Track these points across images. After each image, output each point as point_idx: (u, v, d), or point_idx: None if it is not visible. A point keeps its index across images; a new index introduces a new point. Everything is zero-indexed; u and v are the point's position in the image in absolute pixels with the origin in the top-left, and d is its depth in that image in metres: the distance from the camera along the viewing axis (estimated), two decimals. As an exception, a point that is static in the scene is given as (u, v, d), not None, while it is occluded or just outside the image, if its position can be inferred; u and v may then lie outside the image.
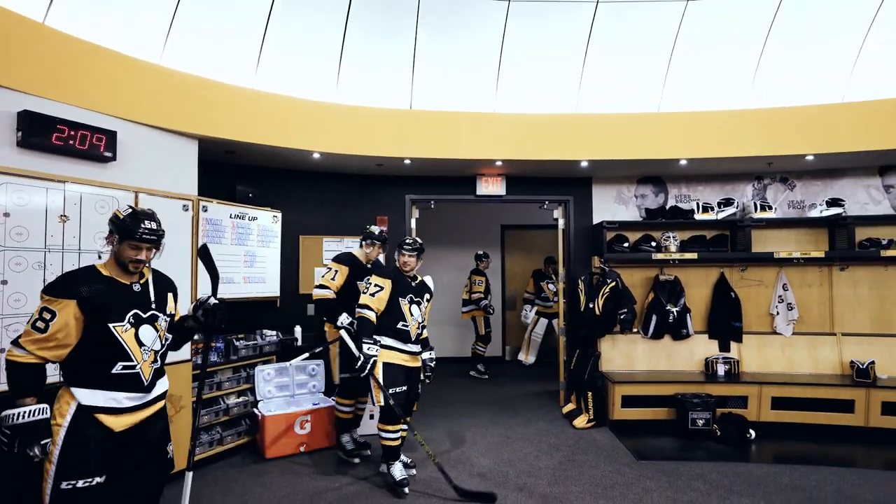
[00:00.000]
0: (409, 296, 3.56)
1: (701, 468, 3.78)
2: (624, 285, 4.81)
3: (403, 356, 3.53)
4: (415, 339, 3.56)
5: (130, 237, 2.08)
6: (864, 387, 4.43)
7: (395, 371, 3.48)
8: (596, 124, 4.64)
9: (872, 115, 4.36)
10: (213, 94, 3.89)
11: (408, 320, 3.52)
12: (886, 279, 4.85)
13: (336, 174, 5.16)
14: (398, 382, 3.48)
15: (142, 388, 2.11)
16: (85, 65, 3.21)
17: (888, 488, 3.44)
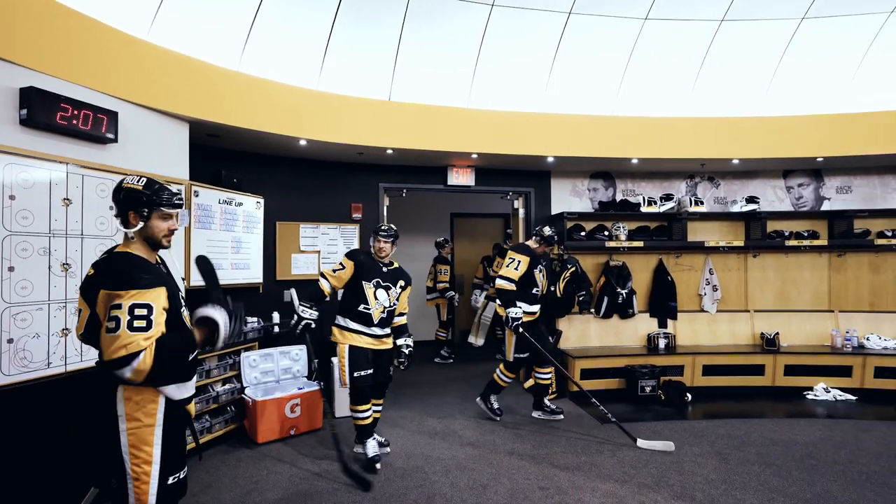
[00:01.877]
0: (376, 280, 3.63)
1: (655, 426, 4.40)
2: (582, 270, 5.35)
3: (368, 339, 3.61)
4: (378, 322, 3.62)
5: (160, 204, 1.88)
6: (771, 353, 5.31)
7: (358, 354, 3.57)
8: (561, 123, 5.09)
9: (780, 129, 5.20)
10: (205, 76, 3.82)
11: (370, 304, 3.58)
12: (787, 264, 5.80)
13: (313, 161, 5.19)
14: (362, 366, 3.56)
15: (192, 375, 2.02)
16: (87, 41, 3.07)
17: (793, 431, 4.24)
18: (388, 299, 3.67)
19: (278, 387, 4.41)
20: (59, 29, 2.92)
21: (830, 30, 4.97)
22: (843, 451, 3.82)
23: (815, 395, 5.19)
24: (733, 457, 3.73)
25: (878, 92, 5.23)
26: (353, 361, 3.58)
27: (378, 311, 3.63)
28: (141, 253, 1.90)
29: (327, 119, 4.52)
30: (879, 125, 5.05)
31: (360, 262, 3.63)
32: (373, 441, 3.66)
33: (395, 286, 3.73)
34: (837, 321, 5.60)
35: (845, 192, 5.79)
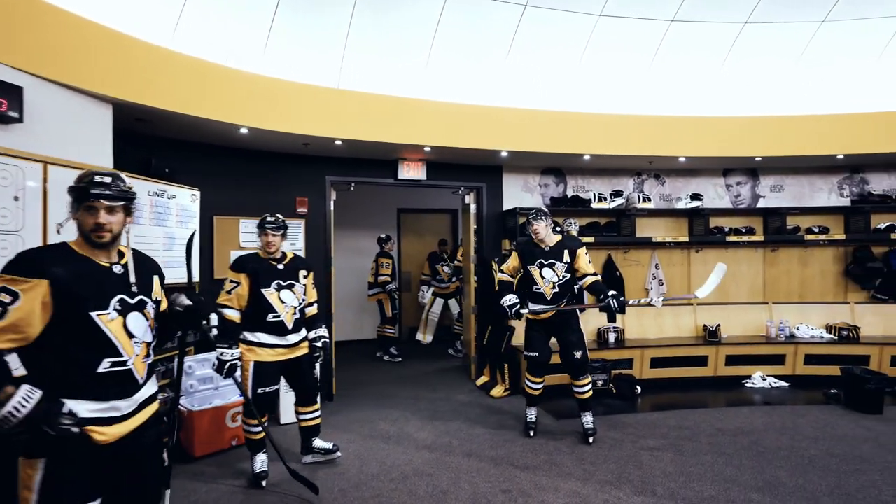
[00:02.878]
0: (276, 282, 3.28)
1: (609, 420, 4.42)
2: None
3: (279, 350, 3.31)
4: (293, 327, 3.33)
5: (84, 197, 1.72)
6: (713, 345, 5.50)
7: (264, 370, 3.28)
8: (515, 118, 5.02)
9: (723, 129, 5.38)
10: (131, 53, 3.43)
11: (279, 310, 3.25)
12: (727, 259, 6.01)
13: (255, 151, 4.85)
14: (267, 382, 3.30)
15: (136, 387, 1.79)
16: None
17: (738, 420, 4.39)
18: (295, 298, 3.37)
19: (217, 394, 4.07)
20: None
21: (770, 35, 5.18)
22: (785, 437, 3.98)
23: (753, 384, 5.43)
24: (687, 448, 3.79)
25: (811, 96, 5.52)
26: (257, 377, 3.27)
27: (289, 314, 3.32)
28: (77, 247, 1.76)
29: (270, 106, 4.21)
30: (811, 128, 5.33)
31: (252, 271, 3.25)
32: (262, 456, 3.38)
33: (297, 280, 3.41)
34: (771, 313, 5.88)
35: (778, 191, 6.10)
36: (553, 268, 3.98)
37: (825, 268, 5.97)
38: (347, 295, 7.80)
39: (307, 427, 3.64)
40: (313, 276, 3.59)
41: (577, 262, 3.90)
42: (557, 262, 3.94)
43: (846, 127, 5.30)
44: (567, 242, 3.98)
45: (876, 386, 4.49)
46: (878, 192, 5.92)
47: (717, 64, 5.38)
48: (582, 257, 3.90)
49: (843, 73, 5.45)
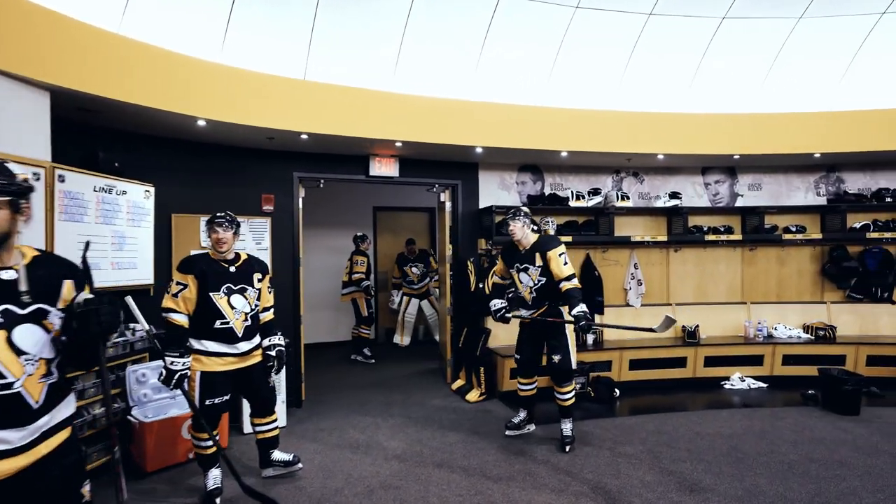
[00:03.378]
0: (226, 286, 3.04)
1: (586, 426, 4.29)
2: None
3: (228, 360, 3.07)
4: (244, 334, 3.08)
5: None
6: (692, 346, 5.42)
7: (212, 381, 3.04)
8: (491, 112, 4.85)
9: (701, 126, 5.29)
10: (71, 36, 3.16)
11: (228, 316, 3.02)
12: (705, 258, 5.97)
13: (216, 145, 4.59)
14: (216, 393, 3.05)
15: (30, 414, 1.51)
16: None
17: (717, 423, 4.30)
18: (247, 303, 3.12)
19: (174, 404, 3.82)
20: None
21: (748, 30, 5.09)
22: (764, 442, 3.88)
23: (732, 385, 5.36)
24: (665, 455, 3.67)
25: (789, 93, 5.47)
26: (205, 388, 3.04)
27: (240, 321, 3.08)
28: None
29: (231, 97, 3.97)
30: (788, 126, 5.27)
31: (202, 273, 3.01)
32: (216, 471, 3.14)
33: (250, 284, 3.17)
34: (750, 313, 5.83)
35: (756, 190, 6.05)
36: (527, 272, 3.85)
37: (802, 267, 5.94)
38: (322, 295, 7.57)
39: (264, 439, 3.42)
40: (269, 279, 3.37)
41: (551, 266, 3.68)
42: (531, 266, 3.80)
43: (823, 125, 5.26)
44: (540, 244, 3.76)
45: (853, 387, 4.44)
46: (854, 191, 5.91)
47: (694, 60, 5.28)
48: (555, 260, 3.66)
49: (820, 71, 5.40)
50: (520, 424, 4.12)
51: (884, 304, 5.71)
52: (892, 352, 5.30)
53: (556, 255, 3.66)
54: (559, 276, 3.66)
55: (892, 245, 5.75)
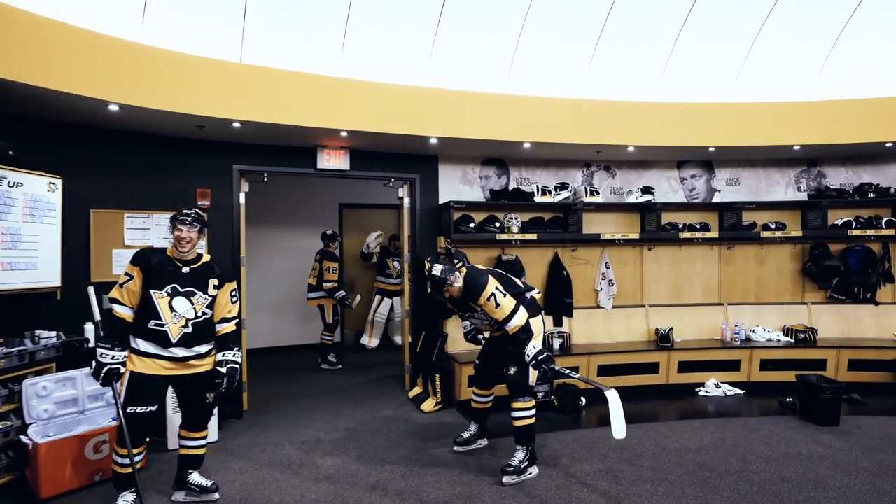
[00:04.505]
0: (172, 286, 2.80)
1: (545, 440, 3.94)
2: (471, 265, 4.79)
3: (161, 364, 2.79)
4: (179, 340, 2.80)
5: None
6: (665, 350, 5.09)
7: (141, 384, 2.76)
8: (447, 100, 4.49)
9: (674, 116, 4.94)
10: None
11: (163, 318, 2.77)
12: (681, 257, 5.64)
13: (142, 135, 4.21)
14: (143, 399, 2.75)
15: None
16: None
17: (686, 436, 3.97)
18: (191, 309, 2.83)
19: (83, 419, 3.45)
20: None
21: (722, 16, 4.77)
22: (734, 457, 3.56)
23: (707, 392, 5.04)
24: (625, 474, 3.33)
25: (766, 82, 5.15)
26: (130, 392, 2.74)
27: (177, 325, 2.79)
28: None
29: (149, 80, 3.59)
30: (766, 117, 4.94)
31: (148, 267, 2.78)
32: (129, 497, 2.82)
33: (202, 290, 2.88)
34: (727, 314, 5.51)
35: (734, 185, 5.73)
36: (475, 316, 3.55)
37: (782, 266, 5.62)
38: (287, 298, 7.20)
39: (187, 456, 3.06)
40: (234, 287, 3.05)
41: (487, 310, 3.28)
42: (474, 312, 3.47)
43: (802, 115, 4.94)
44: (468, 292, 3.28)
45: (832, 395, 4.12)
46: (836, 186, 5.60)
47: (665, 48, 4.95)
48: (486, 306, 3.25)
49: (798, 59, 5.09)
50: (470, 439, 3.78)
51: (866, 304, 5.41)
52: (875, 356, 5.00)
53: (485, 300, 3.24)
54: (499, 320, 3.27)
55: (874, 243, 5.45)
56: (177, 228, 2.81)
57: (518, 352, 3.28)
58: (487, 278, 3.26)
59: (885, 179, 5.56)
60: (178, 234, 2.80)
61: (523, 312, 3.26)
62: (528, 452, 3.32)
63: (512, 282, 3.52)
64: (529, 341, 3.22)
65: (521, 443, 3.34)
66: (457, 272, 3.33)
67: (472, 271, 3.37)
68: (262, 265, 7.26)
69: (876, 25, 4.87)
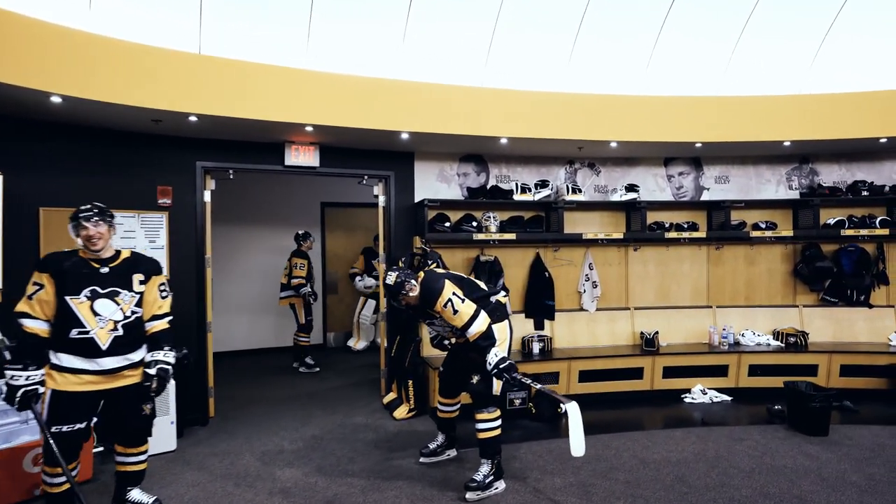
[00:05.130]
0: (91, 289, 2.58)
1: (517, 449, 3.75)
2: (445, 266, 4.60)
3: (87, 378, 2.57)
4: (110, 347, 2.59)
5: None
6: (650, 355, 4.89)
7: (66, 402, 2.54)
8: (418, 93, 4.29)
9: (660, 110, 4.73)
10: None
11: (88, 325, 2.55)
12: (667, 257, 5.43)
13: (98, 129, 4.02)
14: (70, 418, 2.55)
15: None
16: None
17: (667, 447, 3.77)
18: (118, 310, 2.63)
19: (25, 430, 3.25)
20: None
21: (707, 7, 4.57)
22: (716, 471, 3.36)
23: (693, 398, 4.84)
24: (598, 489, 3.13)
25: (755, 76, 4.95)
26: (54, 411, 2.53)
27: (105, 330, 2.59)
28: None
29: (96, 70, 3.40)
30: (755, 111, 4.73)
31: (60, 272, 2.55)
32: None
33: (127, 287, 2.67)
34: (715, 317, 5.31)
35: (723, 183, 5.52)
36: (434, 324, 3.38)
37: (773, 267, 5.42)
38: (265, 298, 7.03)
39: (125, 473, 2.87)
40: (162, 281, 2.83)
41: (445, 317, 3.08)
42: (434, 319, 3.28)
43: (793, 110, 4.73)
44: (425, 299, 3.10)
45: (821, 404, 3.92)
46: (829, 184, 5.39)
47: (650, 40, 4.75)
48: (444, 313, 3.05)
49: (789, 52, 4.88)
50: (437, 450, 3.58)
51: (860, 307, 5.20)
52: (868, 361, 4.80)
53: (441, 306, 3.03)
54: (458, 326, 3.07)
55: (868, 243, 5.24)
56: (81, 227, 2.58)
57: (480, 360, 3.07)
58: (444, 283, 3.07)
59: (880, 177, 5.35)
60: (86, 233, 2.58)
61: (484, 318, 3.06)
62: (493, 466, 3.13)
63: (474, 285, 3.33)
64: (491, 349, 3.01)
65: (486, 456, 3.15)
66: (413, 280, 3.13)
67: (429, 276, 3.17)
68: (240, 265, 7.10)
69: (869, 16, 4.66)
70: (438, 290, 3.03)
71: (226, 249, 6.99)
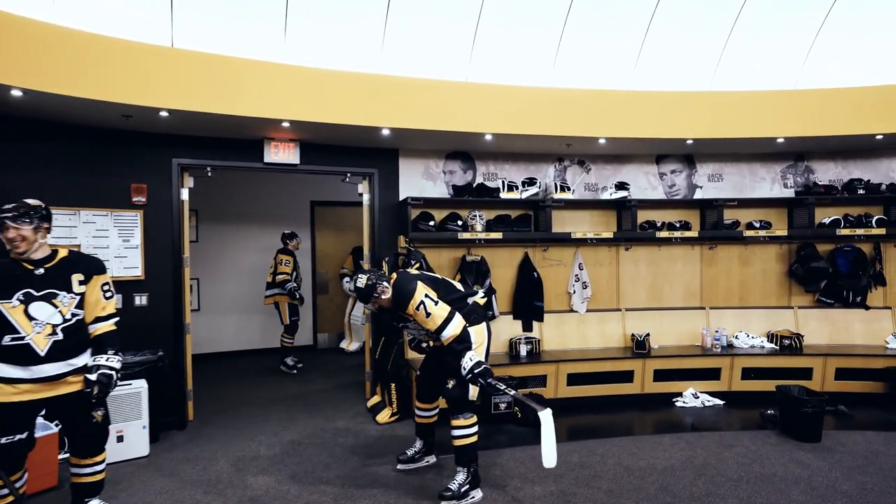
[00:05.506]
0: (24, 292, 2.45)
1: (500, 456, 3.63)
2: (428, 266, 4.49)
3: (24, 388, 2.44)
4: (49, 353, 2.46)
5: None
6: (641, 357, 4.76)
7: (2, 414, 2.41)
8: (401, 88, 4.18)
9: (649, 106, 4.60)
10: None
11: (23, 330, 2.42)
12: (660, 257, 5.31)
13: (67, 125, 3.91)
14: (8, 429, 2.42)
15: None
16: None
17: (654, 453, 3.65)
18: (56, 313, 2.50)
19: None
20: None
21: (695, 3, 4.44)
22: (702, 479, 3.24)
23: (684, 402, 4.72)
24: (579, 499, 3.02)
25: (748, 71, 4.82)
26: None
27: (42, 335, 2.46)
28: None
29: (60, 63, 3.29)
30: (747, 107, 4.60)
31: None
32: None
33: (65, 289, 2.54)
34: (708, 319, 5.18)
35: (717, 181, 5.39)
36: (408, 327, 3.24)
37: (767, 267, 5.29)
38: (254, 298, 6.89)
39: (80, 484, 2.74)
40: (106, 281, 2.69)
41: (418, 319, 2.96)
42: (408, 323, 3.16)
43: (787, 105, 4.60)
44: (397, 301, 2.99)
45: (814, 409, 3.79)
46: (824, 182, 5.25)
47: (639, 35, 4.62)
48: (416, 316, 2.94)
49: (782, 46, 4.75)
50: (414, 457, 3.47)
51: (856, 309, 5.07)
52: (864, 364, 4.67)
53: (414, 308, 2.92)
54: (431, 330, 2.95)
55: (865, 243, 5.11)
56: (5, 228, 2.41)
57: (456, 364, 2.96)
58: (416, 285, 2.95)
59: (877, 175, 5.21)
60: (6, 234, 2.42)
61: (458, 321, 2.94)
62: (469, 474, 3.01)
63: (449, 286, 3.21)
64: (466, 353, 2.90)
65: (462, 464, 3.03)
66: (386, 282, 3.02)
67: (401, 278, 3.06)
68: (229, 265, 7.00)
69: (864, 10, 4.52)
70: (410, 293, 2.92)
71: (214, 249, 6.91)
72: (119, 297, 4.02)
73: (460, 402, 3.05)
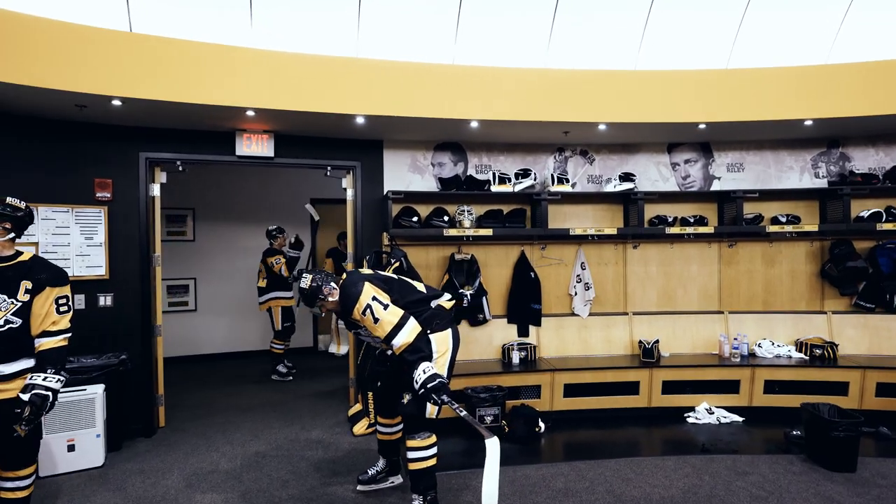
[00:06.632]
0: None
1: (476, 477, 3.21)
2: (409, 265, 4.12)
3: None
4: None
5: None
6: (648, 367, 4.28)
7: None
8: (378, 72, 3.84)
9: (656, 86, 4.13)
10: None
11: None
12: (672, 256, 4.80)
13: (21, 117, 3.73)
14: None
15: None
16: None
17: (653, 479, 3.19)
18: None
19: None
20: None
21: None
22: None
23: (697, 418, 4.21)
24: (550, 534, 2.60)
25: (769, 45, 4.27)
26: None
27: None
28: None
29: (8, 50, 3.10)
30: (771, 85, 4.07)
31: None
32: None
33: (10, 294, 2.33)
34: (727, 324, 4.65)
35: (737, 171, 4.84)
36: (361, 333, 2.92)
37: (795, 267, 4.71)
38: (249, 299, 6.67)
39: (5, 500, 2.52)
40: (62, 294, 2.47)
41: (367, 325, 2.65)
42: (360, 330, 2.85)
43: (815, 82, 4.05)
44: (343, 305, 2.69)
45: (846, 433, 3.25)
46: (862, 170, 4.64)
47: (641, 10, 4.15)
48: (364, 321, 2.63)
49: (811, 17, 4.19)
50: (376, 477, 3.12)
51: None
52: (911, 379, 4.05)
53: (360, 313, 2.60)
54: (380, 337, 2.64)
55: (911, 239, 4.48)
56: None
57: (409, 376, 2.59)
58: (362, 287, 2.60)
59: (926, 162, 4.58)
60: None
61: (411, 329, 2.58)
62: (426, 503, 2.64)
63: (406, 288, 2.84)
64: (419, 364, 2.53)
65: (417, 491, 2.67)
66: (333, 283, 2.68)
67: (349, 279, 2.72)
68: (223, 265, 6.83)
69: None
70: (356, 296, 2.58)
71: (209, 249, 6.75)
72: (81, 297, 3.88)
73: (416, 420, 2.69)
